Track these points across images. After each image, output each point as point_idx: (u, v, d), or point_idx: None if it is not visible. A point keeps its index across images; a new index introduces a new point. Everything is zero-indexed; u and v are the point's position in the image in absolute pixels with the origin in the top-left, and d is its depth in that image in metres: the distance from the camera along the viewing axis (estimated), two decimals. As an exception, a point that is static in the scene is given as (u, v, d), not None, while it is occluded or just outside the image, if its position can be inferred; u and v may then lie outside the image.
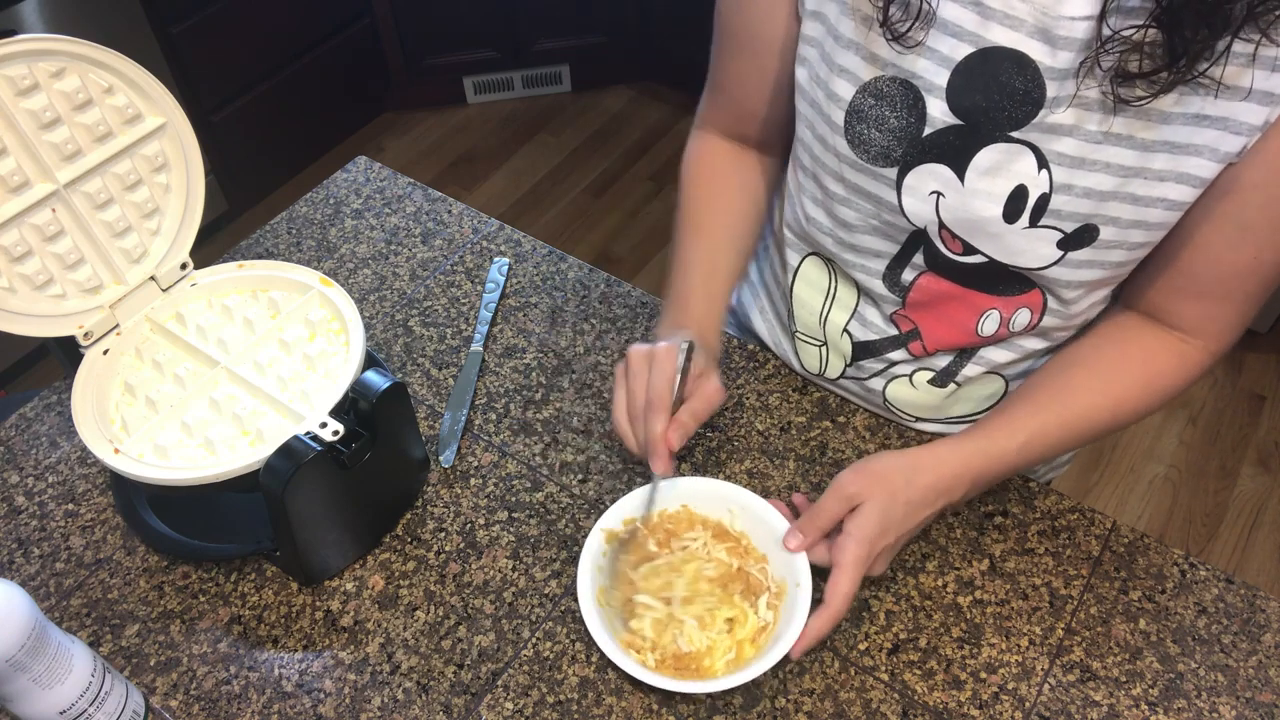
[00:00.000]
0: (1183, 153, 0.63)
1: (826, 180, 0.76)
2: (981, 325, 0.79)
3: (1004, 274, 0.74)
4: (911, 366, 0.85)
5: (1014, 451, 0.73)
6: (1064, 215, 0.68)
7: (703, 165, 0.89)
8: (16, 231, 0.70)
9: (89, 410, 0.72)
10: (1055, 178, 0.66)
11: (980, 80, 0.65)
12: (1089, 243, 0.69)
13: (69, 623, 0.77)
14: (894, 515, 0.69)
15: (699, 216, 0.88)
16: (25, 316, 0.72)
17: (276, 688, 0.73)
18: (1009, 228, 0.70)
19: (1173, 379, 0.76)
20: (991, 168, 0.68)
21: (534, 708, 0.72)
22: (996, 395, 0.87)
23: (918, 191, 0.71)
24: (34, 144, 0.69)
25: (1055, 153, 0.66)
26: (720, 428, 0.89)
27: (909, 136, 0.69)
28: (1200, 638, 0.75)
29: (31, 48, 0.66)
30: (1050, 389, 0.77)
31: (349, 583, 0.79)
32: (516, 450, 0.88)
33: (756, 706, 0.72)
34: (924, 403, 0.87)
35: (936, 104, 0.67)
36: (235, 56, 2.27)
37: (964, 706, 0.72)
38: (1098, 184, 0.66)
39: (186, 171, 0.79)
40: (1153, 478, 1.98)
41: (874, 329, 0.84)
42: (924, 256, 0.77)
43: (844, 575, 0.68)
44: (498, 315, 0.98)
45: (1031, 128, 0.65)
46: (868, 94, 0.69)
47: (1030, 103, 0.64)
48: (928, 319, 0.81)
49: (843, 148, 0.72)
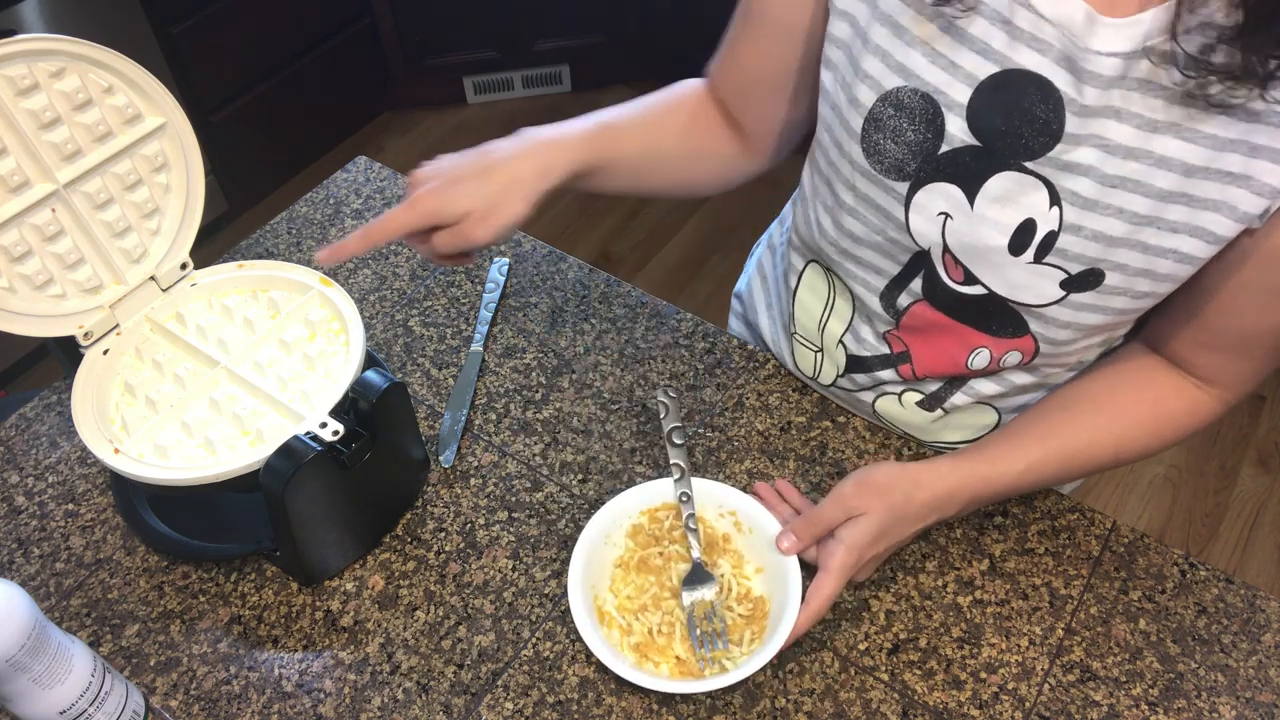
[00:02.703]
0: (1201, 207, 0.62)
1: (839, 188, 0.75)
2: (971, 360, 0.78)
3: (1000, 311, 0.73)
4: (900, 387, 0.85)
5: (1013, 477, 0.74)
6: (1070, 256, 0.67)
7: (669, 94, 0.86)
8: (16, 231, 0.70)
9: (89, 410, 0.72)
10: (1066, 216, 0.65)
11: (1002, 103, 0.64)
12: (1093, 286, 0.68)
13: (69, 623, 0.77)
14: (888, 528, 0.71)
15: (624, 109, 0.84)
16: (25, 316, 0.72)
17: (276, 688, 0.73)
18: (1013, 260, 0.69)
19: (1183, 423, 0.76)
20: (1002, 196, 0.66)
21: (534, 708, 0.72)
22: (989, 426, 0.86)
23: (926, 210, 0.70)
24: (34, 144, 0.69)
25: (1069, 191, 0.64)
26: (720, 428, 0.89)
27: (924, 152, 0.68)
28: (1200, 638, 0.75)
29: (31, 48, 0.66)
30: (1057, 420, 0.76)
31: (349, 583, 0.79)
32: (516, 450, 0.88)
33: (756, 706, 0.72)
34: (912, 422, 0.87)
35: (956, 121, 0.66)
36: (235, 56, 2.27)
37: (964, 706, 0.72)
38: (1108, 228, 0.64)
39: (186, 171, 0.79)
40: (1153, 478, 1.98)
41: (867, 346, 0.84)
42: (923, 283, 0.76)
43: (829, 579, 0.69)
44: (498, 315, 0.98)
45: (1047, 161, 0.64)
46: (888, 103, 0.68)
47: (1049, 134, 0.63)
48: (919, 345, 0.81)
49: (857, 156, 0.71)
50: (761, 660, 0.68)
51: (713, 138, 0.86)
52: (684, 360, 0.94)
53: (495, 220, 0.73)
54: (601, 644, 0.70)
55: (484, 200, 0.72)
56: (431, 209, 0.72)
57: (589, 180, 0.80)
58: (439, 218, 0.73)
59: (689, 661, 0.72)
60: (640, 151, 0.83)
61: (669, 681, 0.70)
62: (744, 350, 0.95)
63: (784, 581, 0.72)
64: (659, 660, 0.72)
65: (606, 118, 0.81)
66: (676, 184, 0.89)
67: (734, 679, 0.68)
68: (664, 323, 0.98)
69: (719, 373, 0.93)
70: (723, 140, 0.86)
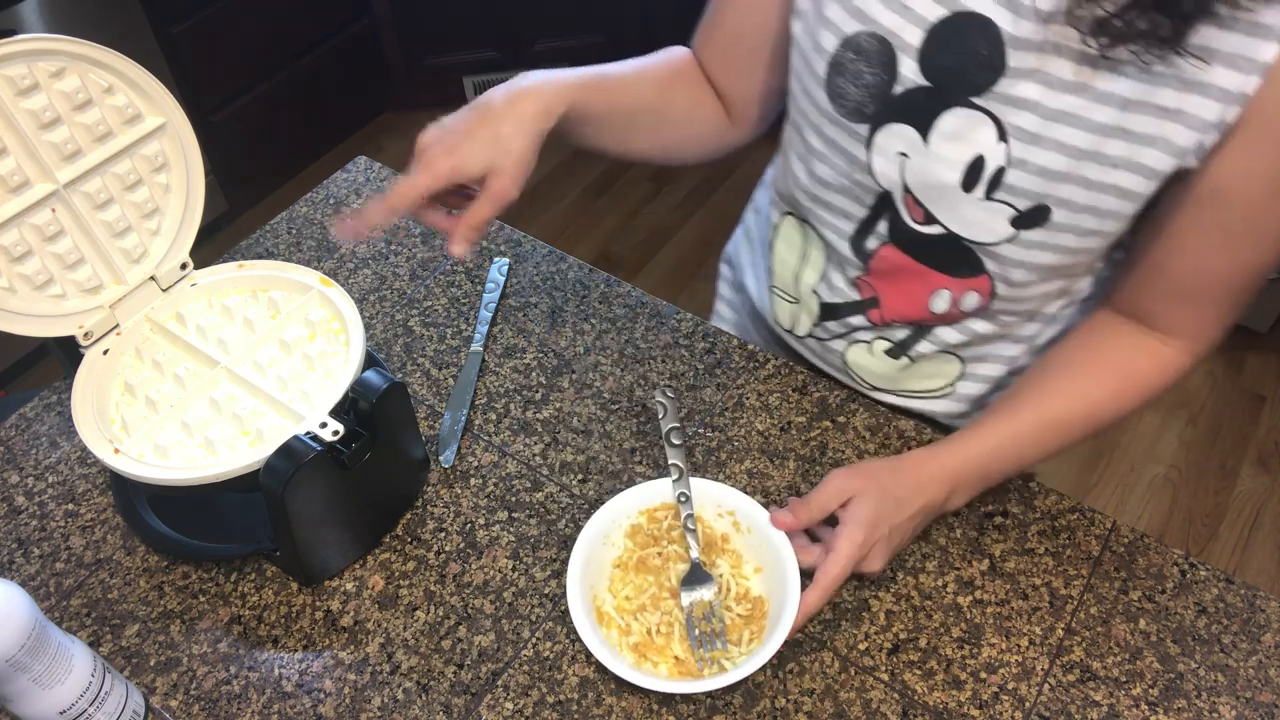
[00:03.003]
0: (1138, 142, 0.65)
1: (808, 133, 0.79)
2: (933, 302, 0.82)
3: (958, 252, 0.76)
4: (871, 334, 0.89)
5: (988, 454, 0.76)
6: (1017, 191, 0.69)
7: (660, 57, 0.88)
8: (16, 231, 0.70)
9: (89, 410, 0.72)
10: (1013, 151, 0.68)
11: (951, 43, 0.67)
12: (1041, 223, 0.71)
13: (69, 623, 0.77)
14: (886, 508, 0.73)
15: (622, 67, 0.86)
16: (25, 316, 0.72)
17: (276, 688, 0.73)
18: (966, 197, 0.72)
19: (1150, 382, 0.77)
20: (954, 133, 0.70)
21: (534, 708, 0.72)
22: (953, 375, 0.90)
23: (886, 151, 0.73)
24: (34, 144, 0.69)
25: (1015, 126, 0.67)
26: (720, 428, 0.89)
27: (881, 94, 0.71)
28: (1200, 638, 0.75)
29: (31, 48, 0.66)
30: (1026, 395, 0.79)
31: (349, 583, 0.79)
32: (516, 450, 0.88)
33: (756, 706, 0.72)
34: (880, 371, 0.91)
35: (908, 63, 0.69)
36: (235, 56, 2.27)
37: (964, 706, 0.72)
38: (1051, 163, 0.67)
39: (186, 171, 0.79)
40: (1153, 478, 1.98)
41: (839, 293, 0.88)
42: (888, 225, 0.79)
43: (837, 558, 0.71)
44: (498, 315, 0.98)
45: (992, 96, 0.67)
46: (849, 48, 0.71)
47: (992, 68, 0.66)
48: (887, 288, 0.84)
49: (823, 100, 0.75)
50: (761, 660, 0.68)
51: (699, 103, 0.88)
52: (684, 360, 0.94)
53: (518, 171, 0.73)
54: (600, 644, 0.70)
55: (498, 149, 0.72)
56: (448, 168, 0.72)
57: (581, 129, 0.81)
58: (458, 175, 0.73)
59: (688, 661, 0.72)
60: (630, 106, 0.85)
61: (668, 681, 0.70)
62: (744, 350, 0.95)
63: (783, 581, 0.72)
64: (658, 660, 0.72)
65: (600, 69, 0.82)
66: (664, 146, 0.91)
67: (733, 679, 0.68)
68: (664, 323, 0.98)
69: (719, 373, 0.93)
70: (709, 106, 0.89)
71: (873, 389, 0.93)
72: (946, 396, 0.92)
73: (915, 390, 0.92)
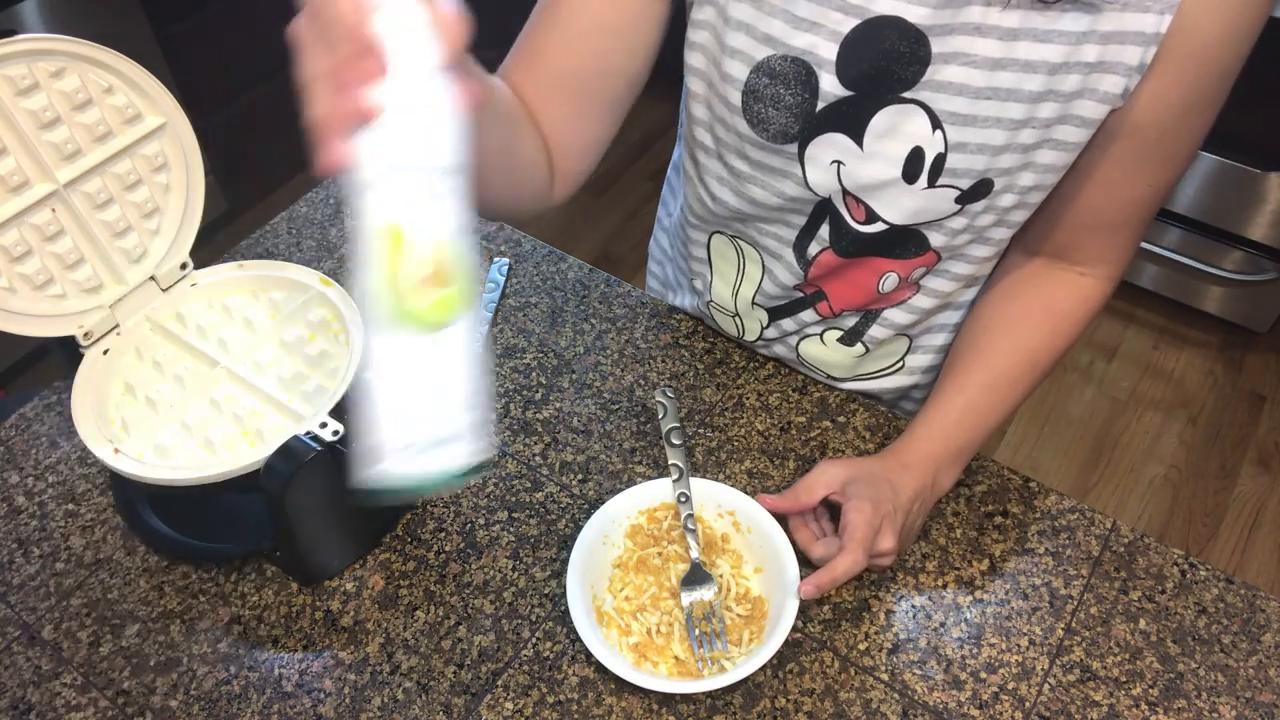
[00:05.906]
0: (1070, 99, 0.66)
1: (731, 159, 0.78)
2: (882, 284, 0.82)
3: (902, 238, 0.77)
4: (821, 326, 0.89)
5: (951, 428, 0.78)
6: (960, 173, 0.70)
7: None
8: (16, 231, 0.70)
9: (89, 410, 0.72)
10: (950, 136, 0.69)
11: (867, 50, 0.67)
12: (984, 195, 0.72)
13: (69, 622, 0.77)
14: (883, 490, 0.73)
15: None
16: (25, 316, 0.72)
17: (276, 688, 0.73)
18: (909, 188, 0.72)
19: (1079, 316, 0.80)
20: (887, 130, 0.70)
21: (534, 708, 0.72)
22: (901, 352, 0.92)
23: (819, 161, 0.73)
24: (34, 144, 0.69)
25: (947, 112, 0.68)
26: (720, 428, 0.89)
27: (805, 112, 0.70)
28: (1200, 638, 0.75)
29: (31, 48, 0.66)
30: (968, 361, 0.81)
31: (349, 583, 0.79)
32: (516, 450, 0.88)
33: (756, 706, 0.72)
34: (836, 361, 0.92)
35: (828, 78, 0.68)
36: (235, 56, 2.27)
37: (964, 706, 0.72)
38: (990, 139, 0.68)
39: (186, 171, 0.79)
40: (1153, 478, 1.98)
41: (783, 295, 0.88)
42: (829, 229, 0.79)
43: (854, 528, 0.71)
44: (498, 315, 0.98)
45: (921, 86, 0.67)
46: (762, 73, 0.70)
47: (917, 61, 0.66)
48: (832, 283, 0.84)
49: (743, 128, 0.74)
50: (760, 660, 0.68)
51: (540, 148, 0.76)
52: (684, 360, 0.94)
53: None
54: (600, 644, 0.70)
55: None
56: None
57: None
58: None
59: (688, 661, 0.72)
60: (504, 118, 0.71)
61: (668, 681, 0.70)
62: (744, 350, 0.95)
63: (783, 581, 0.72)
64: (658, 660, 0.72)
65: None
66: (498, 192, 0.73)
67: (733, 679, 0.68)
68: (664, 323, 0.98)
69: (719, 373, 0.93)
70: (545, 153, 0.76)
71: (829, 378, 0.94)
72: (897, 371, 0.94)
73: (872, 370, 0.94)
